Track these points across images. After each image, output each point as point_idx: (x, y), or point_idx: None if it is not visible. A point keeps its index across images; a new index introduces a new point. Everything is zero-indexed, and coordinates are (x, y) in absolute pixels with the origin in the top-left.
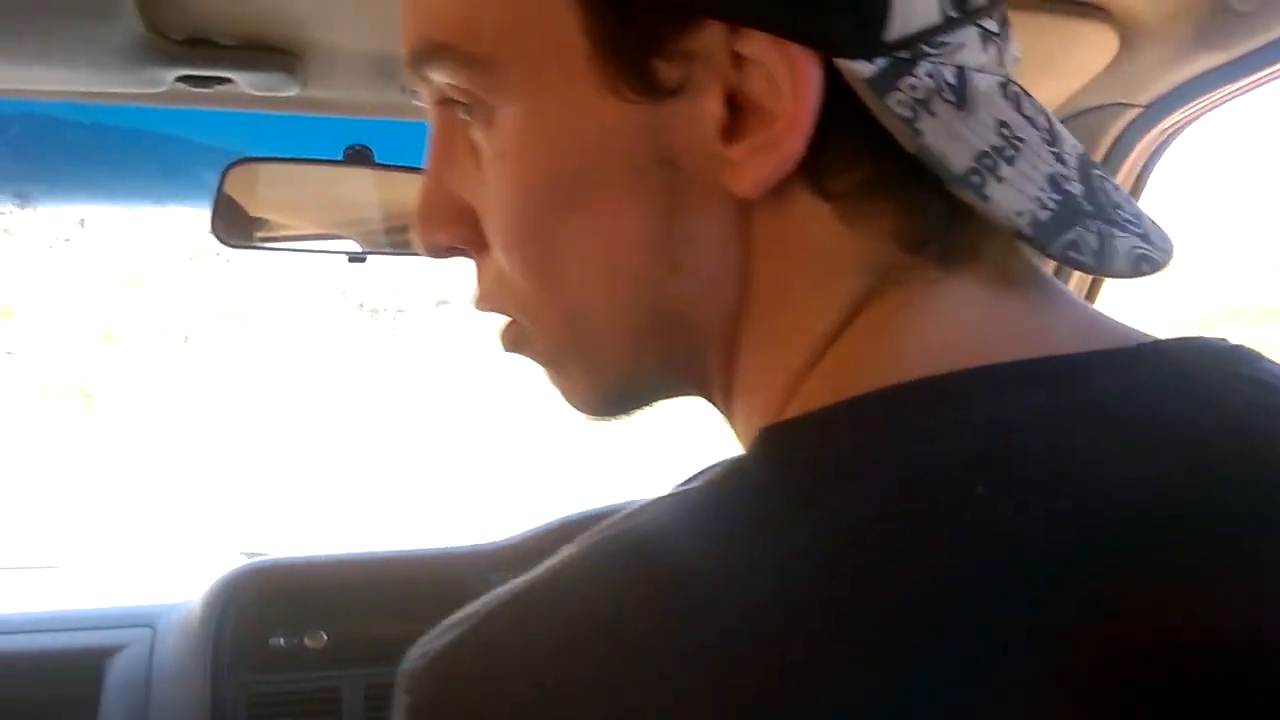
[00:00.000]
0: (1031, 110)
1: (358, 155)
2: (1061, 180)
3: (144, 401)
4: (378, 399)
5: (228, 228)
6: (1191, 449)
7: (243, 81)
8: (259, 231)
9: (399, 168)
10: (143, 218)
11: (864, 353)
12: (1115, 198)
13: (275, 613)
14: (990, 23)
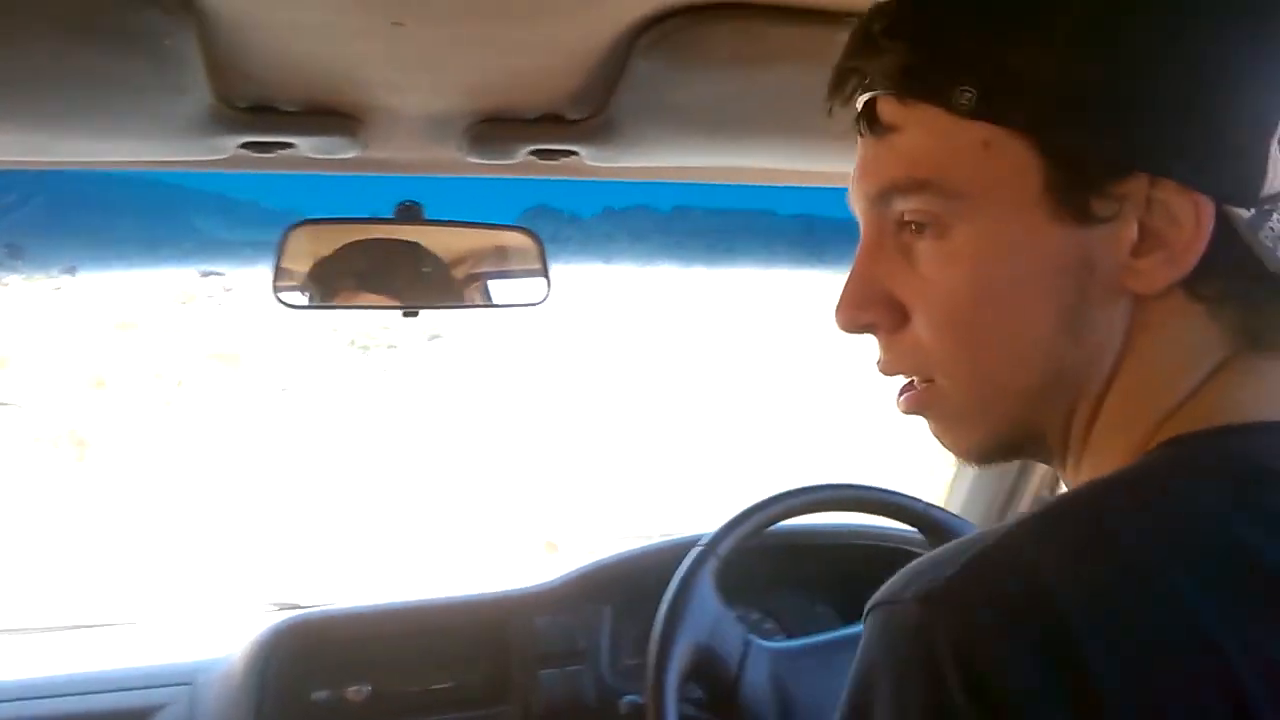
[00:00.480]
0: None
1: (408, 212)
2: None
3: (136, 447)
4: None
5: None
6: None
7: (304, 146)
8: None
9: (449, 223)
10: (134, 264)
11: (1221, 400)
12: None
13: (317, 666)
14: None
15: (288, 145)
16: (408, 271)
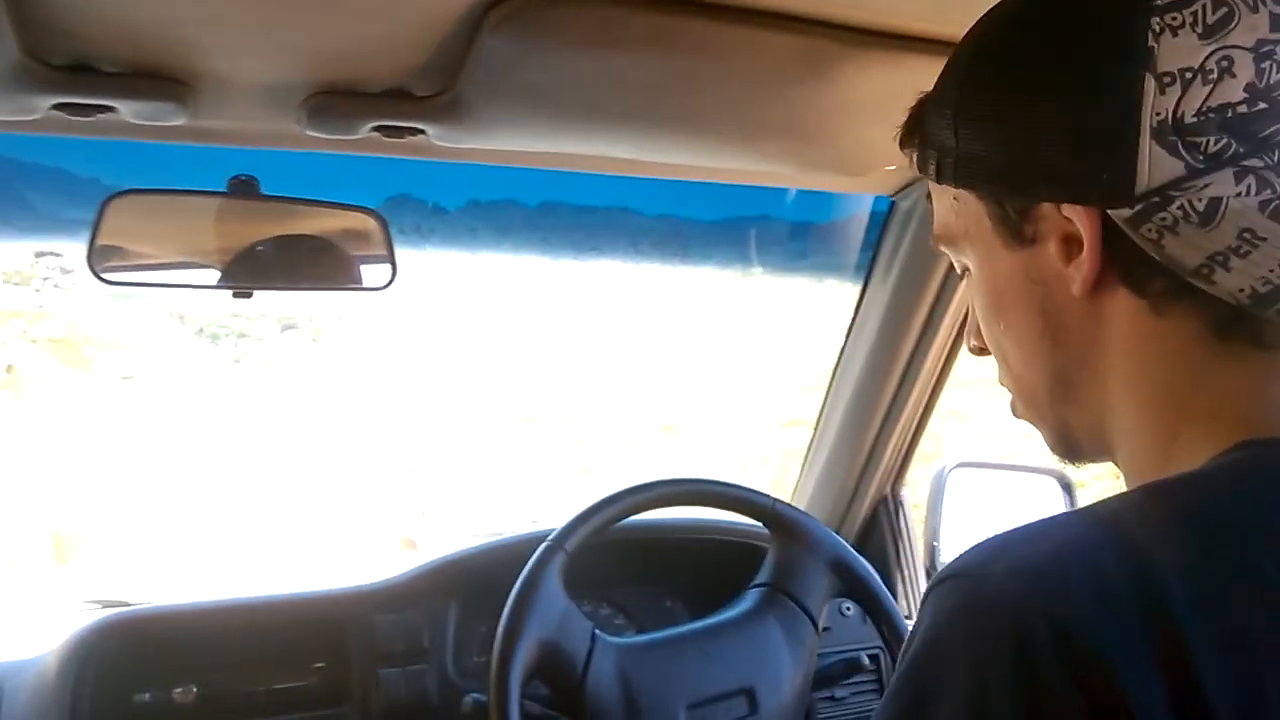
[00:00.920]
0: None
1: (243, 186)
2: None
3: None
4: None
5: (105, 263)
6: None
7: (126, 110)
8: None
9: (287, 199)
10: None
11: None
12: None
13: (140, 667)
14: (1256, 160)
15: (108, 109)
16: (241, 249)
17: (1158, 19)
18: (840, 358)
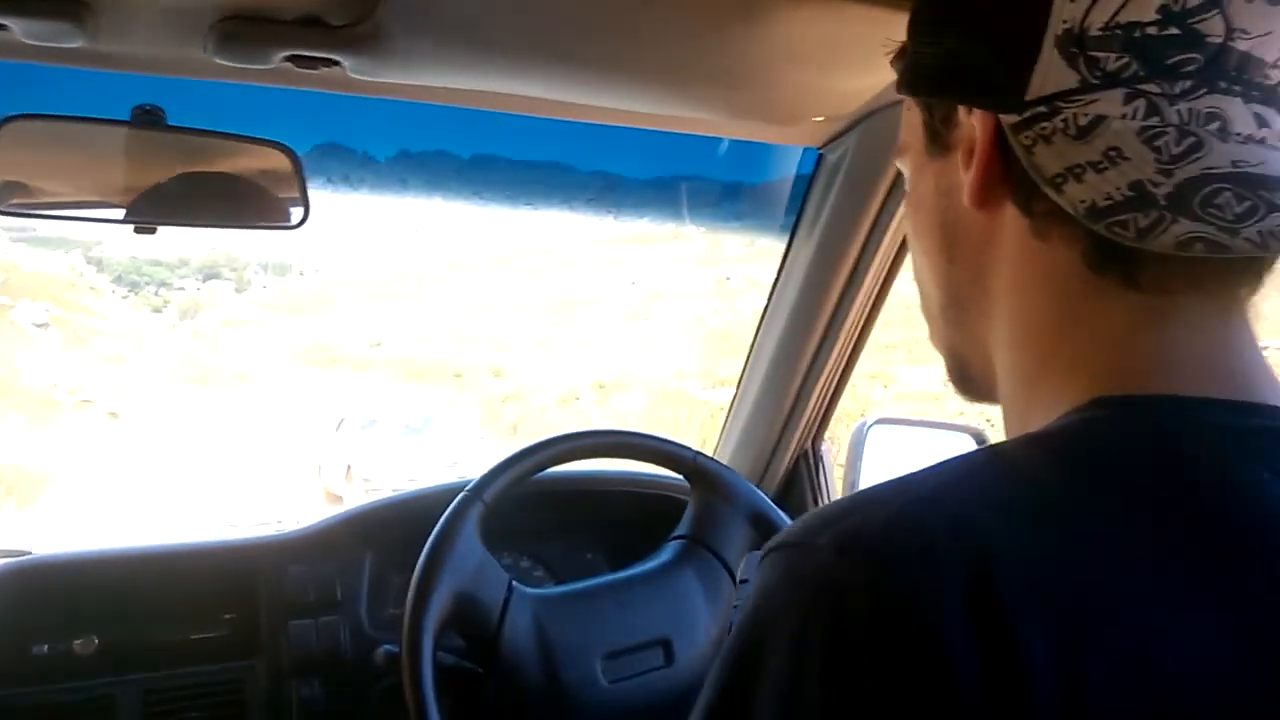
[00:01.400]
0: (1167, 144)
1: (148, 116)
2: (1147, 184)
3: None
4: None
5: None
6: None
7: (19, 29)
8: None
9: (193, 130)
10: None
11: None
12: (1224, 203)
13: (37, 617)
14: (1153, 86)
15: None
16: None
17: None
18: (765, 312)
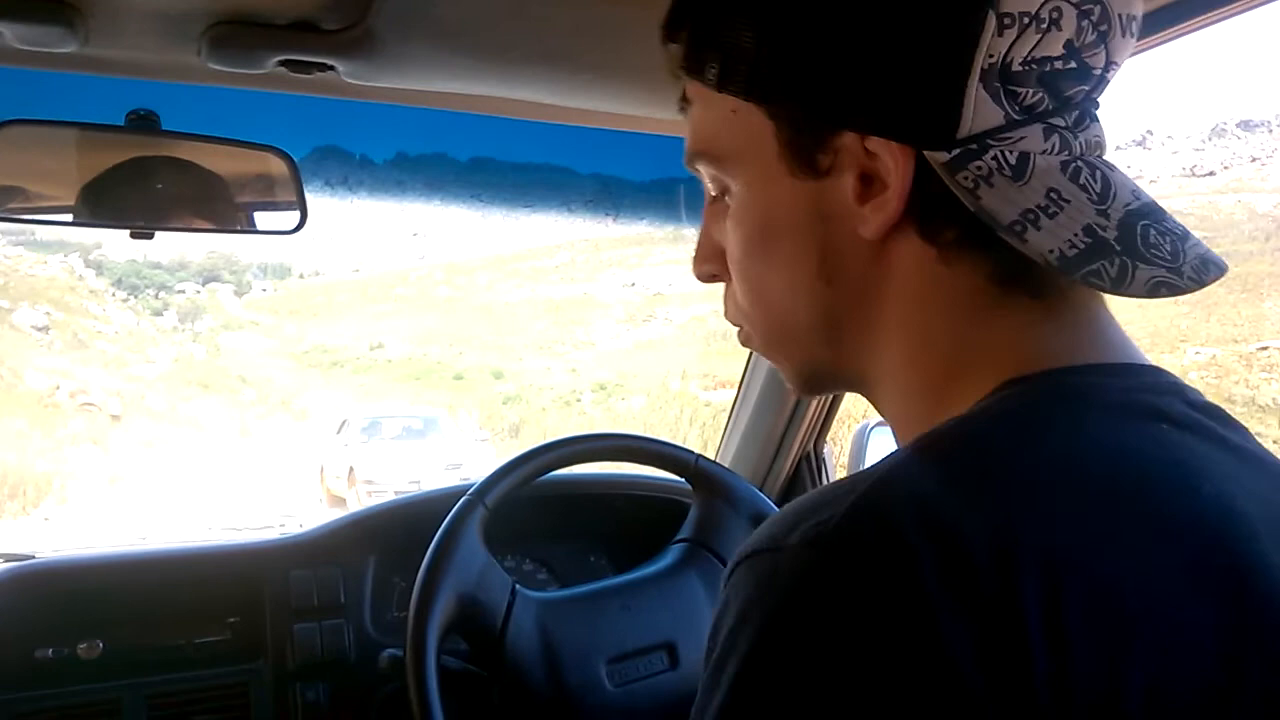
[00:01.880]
0: (1088, 180)
1: (142, 121)
2: (1097, 229)
3: None
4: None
5: None
6: None
7: (11, 34)
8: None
9: (189, 136)
10: None
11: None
12: (1154, 240)
13: (41, 622)
14: (1059, 119)
15: None
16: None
17: None
18: None
